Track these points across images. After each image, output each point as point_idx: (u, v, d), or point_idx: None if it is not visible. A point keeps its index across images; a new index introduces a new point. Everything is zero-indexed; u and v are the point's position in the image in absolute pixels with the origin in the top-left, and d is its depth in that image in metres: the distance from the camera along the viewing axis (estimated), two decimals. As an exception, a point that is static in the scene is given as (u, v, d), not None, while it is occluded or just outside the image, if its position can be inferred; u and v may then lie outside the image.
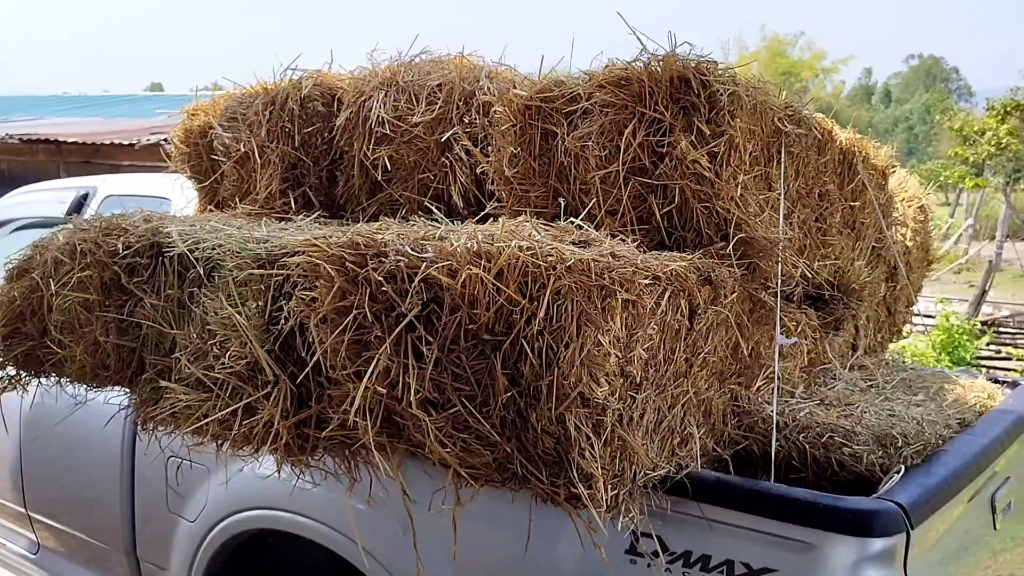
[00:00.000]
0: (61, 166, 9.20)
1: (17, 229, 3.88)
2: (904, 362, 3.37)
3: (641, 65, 2.10)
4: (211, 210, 2.90)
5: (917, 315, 3.60)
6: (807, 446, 2.10)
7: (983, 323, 8.87)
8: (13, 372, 2.61)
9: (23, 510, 3.59)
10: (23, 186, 4.25)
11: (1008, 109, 13.29)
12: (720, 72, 2.07)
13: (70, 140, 9.00)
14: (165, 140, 8.34)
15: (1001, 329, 8.89)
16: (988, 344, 8.58)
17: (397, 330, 1.66)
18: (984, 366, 8.46)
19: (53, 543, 3.56)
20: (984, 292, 9.53)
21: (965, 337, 7.94)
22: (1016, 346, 8.60)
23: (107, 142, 8.70)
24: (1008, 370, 8.36)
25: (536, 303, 1.61)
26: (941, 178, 16.05)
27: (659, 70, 2.07)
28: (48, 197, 3.77)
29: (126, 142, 8.45)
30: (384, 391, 1.68)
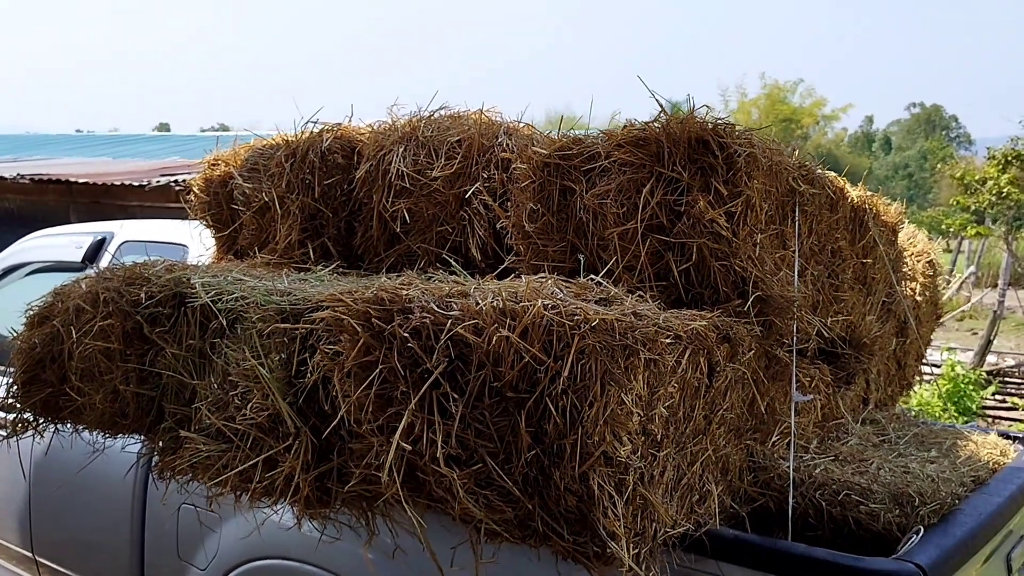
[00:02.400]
0: (71, 206, 9.27)
1: (32, 272, 3.91)
2: (914, 415, 3.38)
3: (659, 126, 2.15)
4: (229, 259, 2.93)
5: (924, 364, 3.64)
6: (824, 503, 2.11)
7: (988, 373, 8.86)
8: (31, 418, 2.62)
9: (29, 554, 3.58)
10: (32, 226, 4.29)
11: (1009, 159, 13.39)
12: (737, 134, 2.11)
13: (80, 180, 9.07)
14: (175, 182, 8.42)
15: (1006, 379, 8.87)
16: (993, 394, 8.57)
17: (424, 387, 1.68)
18: (990, 416, 8.44)
19: (59, 589, 3.54)
20: (989, 342, 9.53)
21: (971, 387, 7.93)
22: (1021, 396, 8.58)
23: (117, 183, 8.76)
24: (1013, 420, 8.34)
25: (560, 362, 1.63)
26: (943, 226, 16.13)
27: (677, 131, 2.11)
28: (65, 241, 3.80)
29: (136, 183, 8.50)
30: (409, 447, 1.69)
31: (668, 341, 1.76)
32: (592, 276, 2.06)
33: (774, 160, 2.22)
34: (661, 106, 2.17)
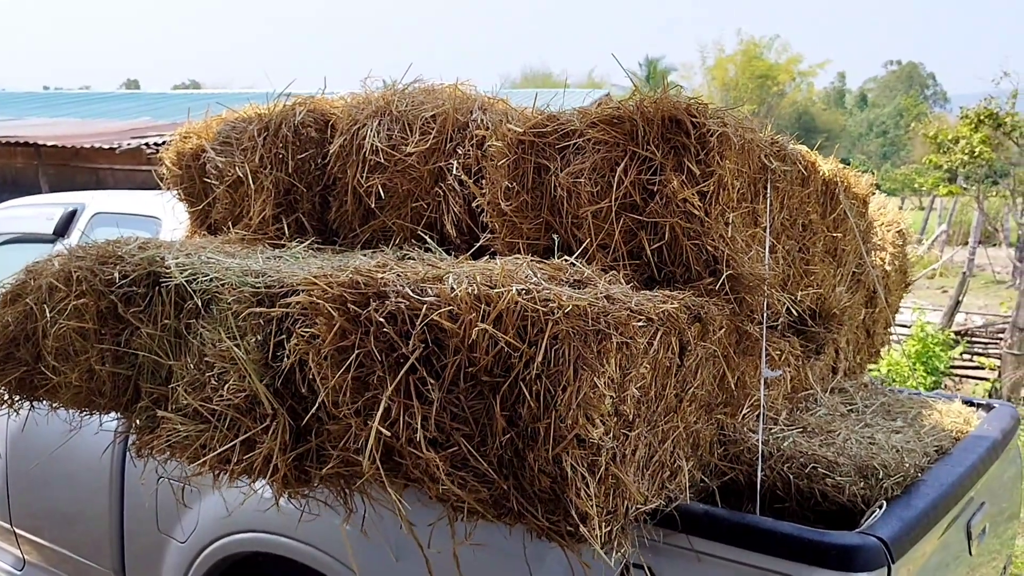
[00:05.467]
0: (40, 169, 9.12)
1: (3, 243, 3.87)
2: (882, 381, 3.45)
3: (633, 105, 2.15)
4: (203, 234, 2.91)
5: (894, 326, 3.72)
6: (791, 476, 2.17)
7: (956, 333, 9.02)
8: (7, 396, 2.61)
9: (8, 525, 3.59)
10: (3, 193, 4.24)
11: (981, 118, 13.48)
12: (711, 113, 2.12)
13: (49, 143, 8.91)
14: (146, 144, 8.27)
15: (974, 339, 9.04)
16: (961, 354, 8.73)
17: (401, 372, 1.70)
18: (957, 375, 8.61)
19: (39, 559, 3.56)
20: (958, 303, 9.70)
21: (939, 348, 8.08)
22: (988, 355, 8.76)
23: (87, 145, 8.62)
24: (980, 379, 8.51)
25: (534, 347, 1.66)
26: (916, 184, 16.28)
27: (651, 110, 2.12)
28: (35, 213, 3.76)
29: (107, 146, 8.38)
30: (387, 433, 1.72)
31: (640, 324, 1.79)
32: (566, 257, 2.08)
33: (746, 138, 2.23)
34: (635, 85, 2.17)
